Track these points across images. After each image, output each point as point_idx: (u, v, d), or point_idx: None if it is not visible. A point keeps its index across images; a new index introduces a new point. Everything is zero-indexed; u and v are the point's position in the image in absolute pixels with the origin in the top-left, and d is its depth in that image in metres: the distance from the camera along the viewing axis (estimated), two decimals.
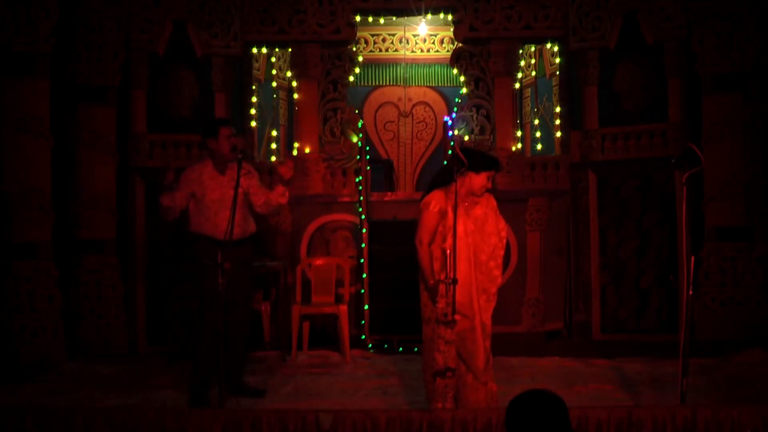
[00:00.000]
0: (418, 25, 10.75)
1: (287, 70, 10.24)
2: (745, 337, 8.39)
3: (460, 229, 5.67)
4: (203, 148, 6.82)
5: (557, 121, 9.84)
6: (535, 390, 3.31)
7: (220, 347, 5.62)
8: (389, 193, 9.86)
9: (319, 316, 8.57)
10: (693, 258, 5.50)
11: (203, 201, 6.59)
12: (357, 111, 9.86)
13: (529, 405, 3.23)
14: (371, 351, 8.73)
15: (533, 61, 10.59)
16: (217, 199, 6.54)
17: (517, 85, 9.84)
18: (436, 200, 5.78)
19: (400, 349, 8.74)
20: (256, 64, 9.92)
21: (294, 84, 9.88)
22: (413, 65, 11.56)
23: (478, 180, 5.78)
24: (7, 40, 8.17)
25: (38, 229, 8.20)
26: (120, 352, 8.71)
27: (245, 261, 6.68)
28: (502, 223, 5.96)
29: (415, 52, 11.54)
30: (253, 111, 9.72)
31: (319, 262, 8.80)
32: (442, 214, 5.74)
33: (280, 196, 6.74)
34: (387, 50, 11.54)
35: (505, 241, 5.97)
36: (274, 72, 10.52)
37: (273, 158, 10.20)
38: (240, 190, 6.30)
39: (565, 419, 3.20)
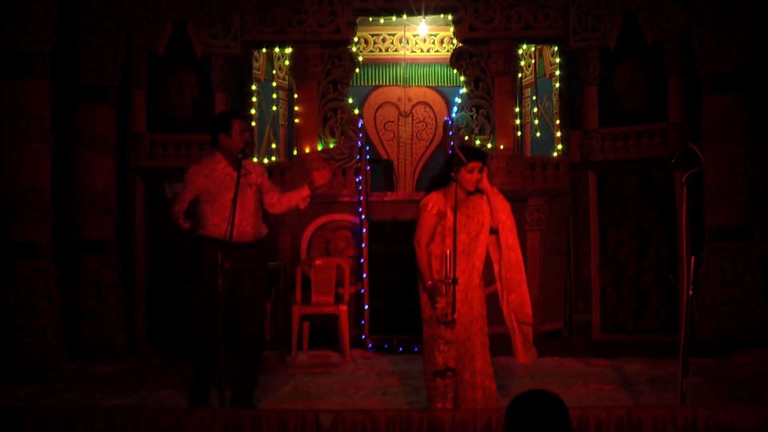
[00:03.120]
0: (418, 25, 10.75)
1: (287, 70, 10.24)
2: (745, 337, 8.39)
3: (460, 228, 5.68)
4: (213, 145, 6.25)
5: (557, 121, 9.84)
6: (534, 390, 3.30)
7: (220, 349, 5.52)
8: (389, 193, 9.86)
9: (319, 316, 8.57)
10: (693, 258, 5.50)
11: (218, 199, 6.07)
12: (357, 111, 9.86)
13: (529, 405, 3.23)
14: (371, 351, 8.74)
15: (533, 61, 10.59)
16: (233, 198, 5.92)
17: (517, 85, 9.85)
18: (433, 202, 5.79)
19: (400, 349, 8.75)
20: (256, 64, 9.92)
21: (294, 84, 9.88)
22: (413, 65, 11.55)
23: (465, 174, 5.78)
24: (7, 40, 8.17)
25: (38, 229, 8.20)
26: (120, 352, 8.71)
27: (261, 265, 6.29)
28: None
29: (415, 52, 11.54)
30: (253, 111, 9.73)
31: (319, 262, 8.80)
32: (440, 215, 5.75)
33: (302, 199, 6.26)
34: (387, 50, 11.54)
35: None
36: (274, 72, 10.52)
37: (273, 158, 10.20)
38: (252, 189, 6.08)
39: (564, 419, 3.20)
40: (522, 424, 3.20)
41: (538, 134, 10.58)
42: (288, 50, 9.86)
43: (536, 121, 10.65)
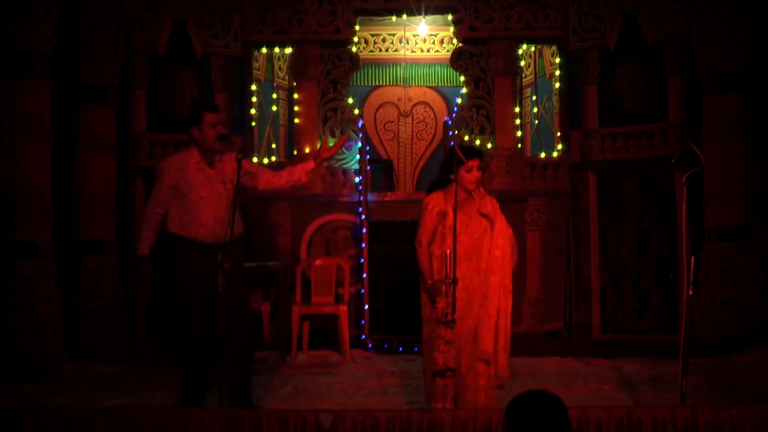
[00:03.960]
0: (418, 25, 10.74)
1: (287, 70, 10.24)
2: (745, 337, 8.39)
3: (461, 228, 5.69)
4: (190, 140, 5.97)
5: (557, 121, 9.83)
6: (534, 390, 3.31)
7: (219, 350, 5.41)
8: (389, 193, 9.86)
9: (319, 316, 8.57)
10: (693, 258, 5.50)
11: (188, 196, 5.81)
12: (357, 111, 9.85)
13: (529, 405, 3.24)
14: (371, 351, 8.74)
15: (533, 61, 10.59)
16: (205, 195, 5.79)
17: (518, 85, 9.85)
18: (434, 202, 5.81)
19: (400, 349, 8.75)
20: (256, 64, 9.92)
21: (294, 84, 9.88)
22: (413, 65, 11.54)
23: (464, 174, 5.79)
24: (7, 40, 8.17)
25: (38, 229, 8.20)
26: (120, 352, 8.71)
27: (238, 264, 5.99)
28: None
29: (415, 52, 11.53)
30: (253, 111, 9.72)
31: (319, 262, 8.80)
32: (442, 215, 5.77)
33: (305, 173, 5.96)
34: (387, 50, 11.52)
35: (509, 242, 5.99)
36: (274, 72, 10.52)
37: (273, 158, 10.20)
38: (226, 186, 5.80)
39: (564, 419, 3.20)
40: (521, 425, 3.20)
41: (538, 134, 10.57)
42: (288, 50, 9.87)
43: (536, 121, 10.64)
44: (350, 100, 9.75)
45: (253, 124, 9.71)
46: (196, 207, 5.81)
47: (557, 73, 9.85)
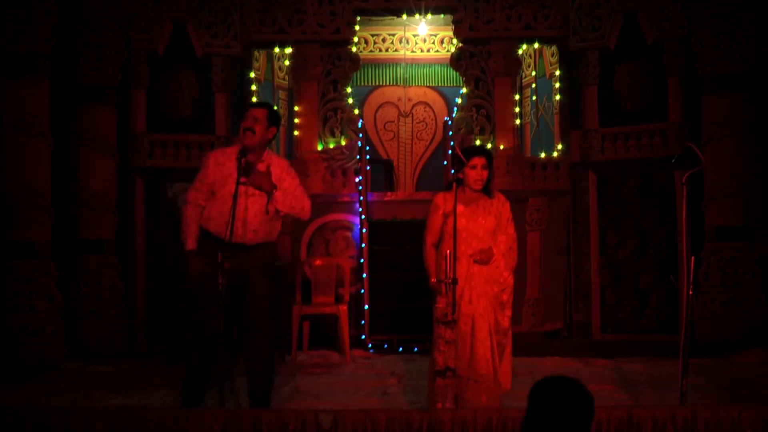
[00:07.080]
0: (418, 25, 10.75)
1: (287, 70, 10.24)
2: (745, 337, 8.38)
3: (461, 227, 5.70)
4: None
5: (557, 121, 9.83)
6: (570, 379, 3.22)
7: (219, 349, 5.36)
8: (389, 193, 9.86)
9: (319, 316, 8.57)
10: (693, 258, 5.50)
11: (219, 192, 5.73)
12: (357, 111, 9.85)
13: (559, 393, 3.16)
14: (371, 351, 8.73)
15: (533, 61, 10.59)
16: (233, 197, 5.59)
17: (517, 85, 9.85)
18: (440, 202, 5.84)
19: (400, 349, 8.73)
20: (256, 64, 9.92)
21: (294, 84, 9.88)
22: (413, 65, 11.55)
23: (470, 173, 5.82)
24: (7, 40, 8.17)
25: (38, 229, 8.20)
26: (120, 352, 8.71)
27: (262, 266, 5.87)
28: (511, 228, 6.00)
29: (415, 52, 11.53)
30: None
31: (319, 262, 8.80)
32: (446, 215, 5.80)
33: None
34: (387, 50, 11.53)
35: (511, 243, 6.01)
36: (274, 72, 10.52)
37: None
38: (261, 192, 5.73)
39: (588, 422, 3.10)
40: (545, 408, 3.12)
41: (538, 134, 10.57)
42: (288, 50, 9.87)
43: (536, 121, 10.64)
44: (350, 100, 9.76)
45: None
46: (225, 204, 5.68)
47: (557, 73, 9.85)
